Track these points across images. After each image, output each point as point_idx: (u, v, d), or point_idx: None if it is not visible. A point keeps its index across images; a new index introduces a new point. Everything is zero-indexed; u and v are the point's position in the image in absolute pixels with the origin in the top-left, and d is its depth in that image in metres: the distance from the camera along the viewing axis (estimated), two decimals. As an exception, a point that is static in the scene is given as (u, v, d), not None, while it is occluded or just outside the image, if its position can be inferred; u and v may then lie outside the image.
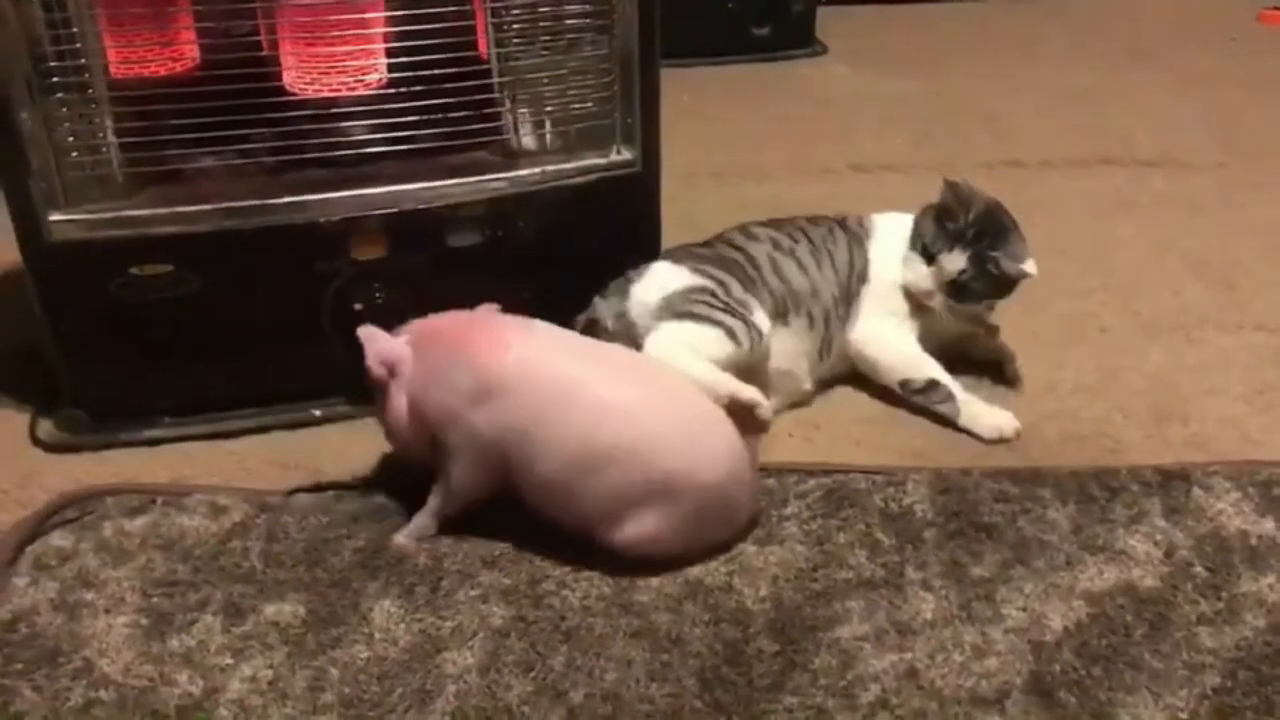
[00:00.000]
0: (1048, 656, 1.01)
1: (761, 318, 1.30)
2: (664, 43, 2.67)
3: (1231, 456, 1.28)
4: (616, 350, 1.21)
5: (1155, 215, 1.88)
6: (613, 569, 1.10)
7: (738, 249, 1.38)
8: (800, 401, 1.37)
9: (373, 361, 1.15)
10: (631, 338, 1.26)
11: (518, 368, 1.11)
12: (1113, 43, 2.79)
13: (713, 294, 1.29)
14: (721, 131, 2.25)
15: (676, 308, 1.27)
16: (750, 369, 1.28)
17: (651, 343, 1.24)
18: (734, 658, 1.01)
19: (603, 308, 1.31)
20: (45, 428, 1.34)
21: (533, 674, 1.00)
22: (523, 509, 1.13)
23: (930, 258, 1.37)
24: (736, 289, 1.31)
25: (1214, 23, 2.99)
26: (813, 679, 0.99)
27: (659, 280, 1.31)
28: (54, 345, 1.31)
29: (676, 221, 1.68)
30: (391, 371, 1.15)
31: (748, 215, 1.59)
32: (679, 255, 1.36)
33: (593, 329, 1.30)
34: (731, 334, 1.25)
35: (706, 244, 1.41)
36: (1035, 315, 1.55)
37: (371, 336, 1.16)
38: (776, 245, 1.38)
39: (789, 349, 1.34)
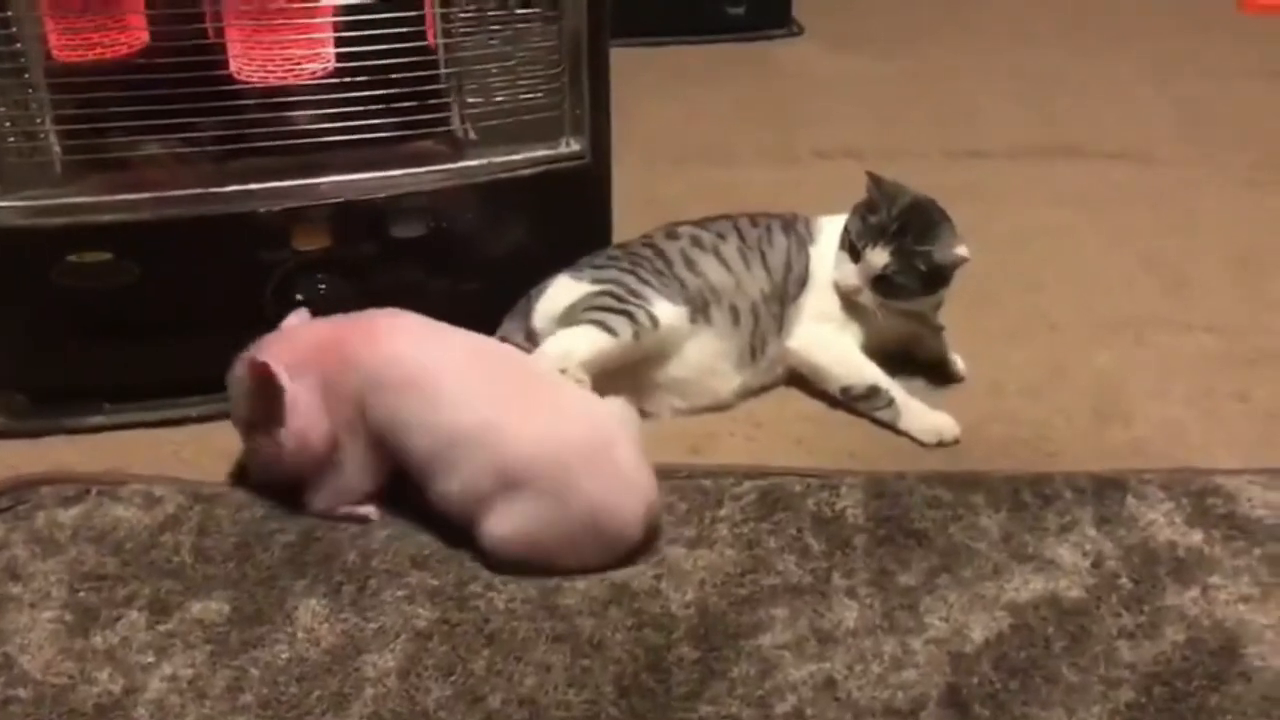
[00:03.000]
0: (966, 668, 1.02)
1: (663, 307, 1.31)
2: (635, 21, 2.67)
3: (1170, 462, 1.28)
4: (486, 341, 1.23)
5: (1115, 210, 1.88)
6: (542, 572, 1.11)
7: (651, 246, 1.38)
8: (727, 403, 1.37)
9: (283, 375, 1.13)
10: None
11: (387, 358, 1.14)
12: (1092, 27, 2.76)
13: (607, 294, 1.30)
14: (687, 113, 2.23)
15: (573, 317, 1.28)
16: (649, 357, 1.30)
17: (534, 357, 1.26)
18: (654, 664, 1.02)
19: (509, 327, 1.34)
20: (-14, 413, 1.34)
21: (452, 678, 1.00)
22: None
23: (856, 255, 1.37)
24: (633, 282, 1.32)
25: (1193, 8, 2.96)
26: (730, 688, 1.00)
27: (560, 294, 1.33)
28: (-6, 330, 1.31)
29: (637, 205, 1.68)
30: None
31: (708, 200, 1.59)
32: (581, 265, 1.36)
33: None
34: (606, 328, 1.27)
35: (623, 245, 1.41)
36: (984, 311, 1.55)
37: (266, 356, 1.14)
38: (695, 242, 1.38)
39: (711, 346, 1.34)
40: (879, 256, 1.35)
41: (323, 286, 1.33)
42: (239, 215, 1.30)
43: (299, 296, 1.32)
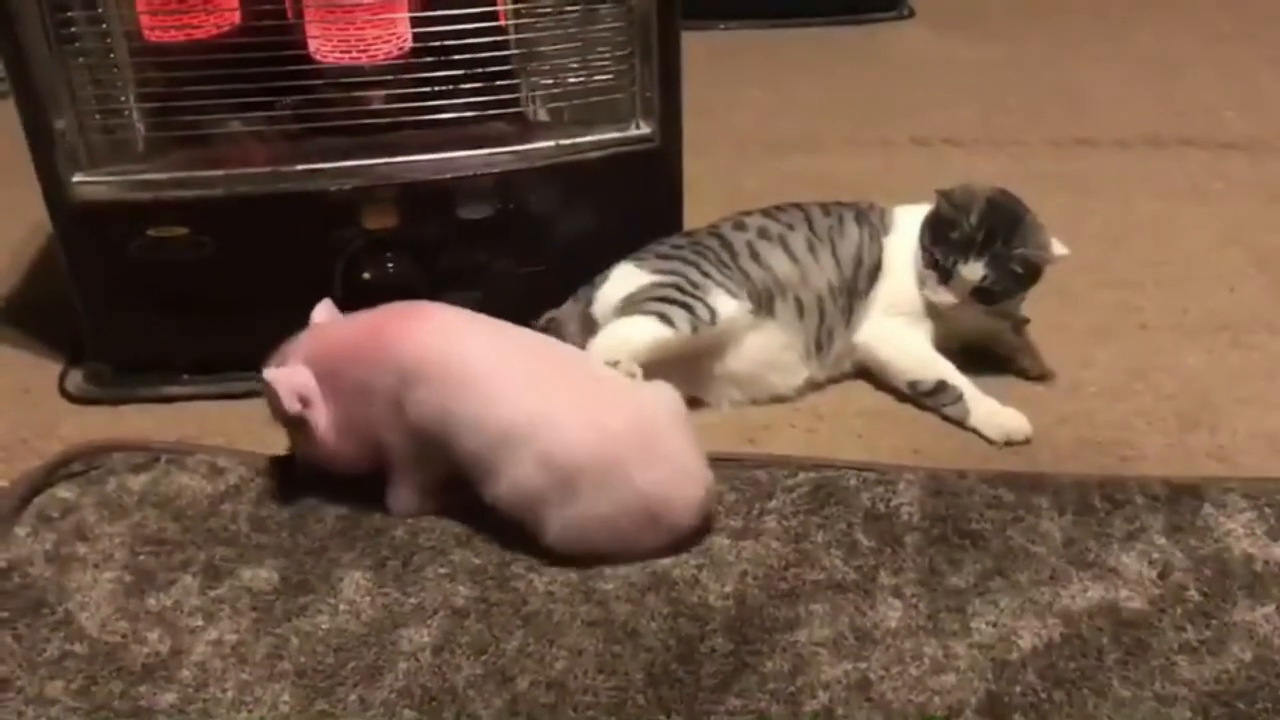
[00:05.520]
0: (1009, 676, 0.98)
1: (724, 300, 1.28)
2: (740, 4, 2.63)
3: (1256, 472, 1.21)
4: (524, 332, 1.20)
5: (1229, 203, 1.78)
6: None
7: (717, 236, 1.35)
8: (793, 396, 1.34)
9: (291, 401, 1.13)
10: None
11: (424, 352, 1.11)
12: (1217, 9, 2.62)
13: (669, 285, 1.28)
14: (783, 99, 2.19)
15: (632, 307, 1.26)
16: (708, 350, 1.28)
17: (590, 347, 1.24)
18: (686, 654, 1.01)
19: (569, 310, 1.33)
20: (73, 379, 1.40)
21: (484, 657, 1.01)
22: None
23: (946, 273, 1.32)
24: (695, 274, 1.29)
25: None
26: (761, 682, 0.98)
27: (620, 283, 1.31)
28: (79, 300, 1.36)
29: (723, 193, 1.67)
30: (305, 402, 1.14)
31: (797, 188, 1.55)
32: (644, 254, 1.34)
33: (555, 328, 1.31)
34: (665, 319, 1.25)
35: (689, 234, 1.39)
36: (1072, 308, 1.48)
37: (276, 376, 1.14)
38: (763, 233, 1.35)
39: (774, 340, 1.31)
40: (974, 270, 1.30)
41: (391, 266, 1.35)
42: (310, 193, 1.32)
43: (366, 275, 1.34)
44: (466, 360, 1.12)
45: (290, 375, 1.14)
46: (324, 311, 1.21)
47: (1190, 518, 1.14)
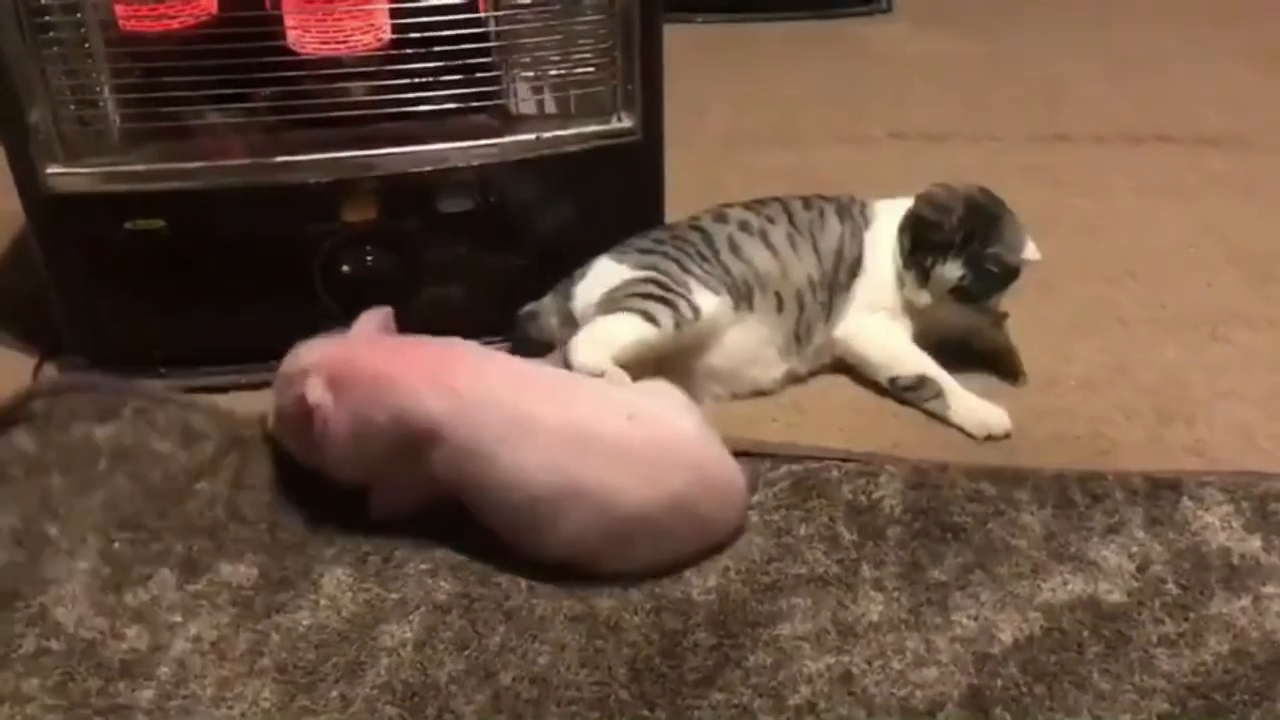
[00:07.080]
0: (991, 670, 0.98)
1: (706, 297, 1.27)
2: (721, -3, 2.62)
3: (1234, 466, 1.22)
4: (549, 371, 1.17)
5: (1205, 198, 1.79)
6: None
7: (697, 230, 1.35)
8: (774, 388, 1.34)
9: (319, 392, 1.09)
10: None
11: (455, 405, 1.06)
12: (1196, 5, 2.64)
13: (649, 281, 1.27)
14: (763, 93, 2.19)
15: (613, 303, 1.26)
16: (689, 346, 1.28)
17: (572, 344, 1.23)
18: (669, 649, 1.00)
19: (549, 304, 1.32)
20: (49, 373, 1.38)
21: (467, 652, 1.00)
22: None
23: (924, 273, 1.32)
24: (676, 270, 1.29)
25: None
26: (744, 677, 0.98)
27: (601, 278, 1.31)
28: (55, 293, 1.35)
29: (702, 186, 1.66)
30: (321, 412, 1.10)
31: (776, 182, 1.55)
32: (625, 248, 1.34)
33: (533, 319, 1.31)
34: (649, 317, 1.24)
35: (670, 227, 1.38)
36: (1051, 302, 1.49)
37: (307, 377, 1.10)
38: (743, 226, 1.35)
39: (753, 334, 1.31)
40: (952, 270, 1.31)
41: (370, 259, 1.34)
42: (289, 186, 1.31)
43: (345, 268, 1.34)
44: (492, 423, 1.06)
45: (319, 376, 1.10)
46: (379, 319, 1.18)
47: (1168, 511, 1.15)
